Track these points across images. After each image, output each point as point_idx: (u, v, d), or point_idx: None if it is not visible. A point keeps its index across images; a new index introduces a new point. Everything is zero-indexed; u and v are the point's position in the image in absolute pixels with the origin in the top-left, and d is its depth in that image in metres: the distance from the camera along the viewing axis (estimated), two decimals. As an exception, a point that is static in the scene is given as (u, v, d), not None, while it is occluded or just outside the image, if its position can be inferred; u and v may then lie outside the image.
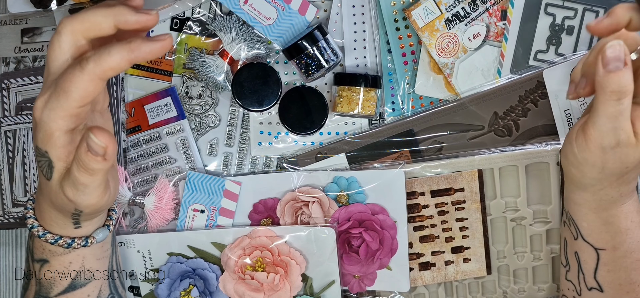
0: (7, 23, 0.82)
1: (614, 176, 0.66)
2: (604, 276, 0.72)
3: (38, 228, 0.65)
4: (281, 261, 0.79)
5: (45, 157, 0.59)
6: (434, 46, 0.80)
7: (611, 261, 0.72)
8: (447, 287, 0.84)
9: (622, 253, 0.71)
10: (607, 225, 0.71)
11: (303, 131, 0.79)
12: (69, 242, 0.66)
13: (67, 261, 0.67)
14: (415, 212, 0.82)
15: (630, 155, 0.64)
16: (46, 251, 0.67)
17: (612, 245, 0.71)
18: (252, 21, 0.79)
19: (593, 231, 0.72)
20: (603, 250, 0.72)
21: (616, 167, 0.65)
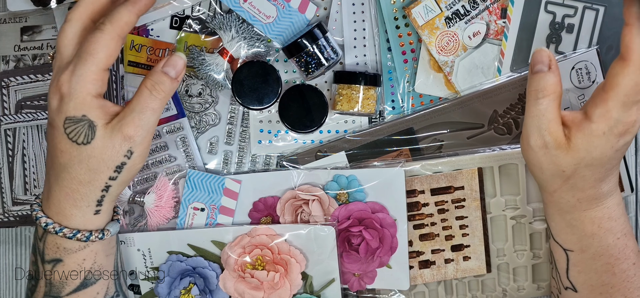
0: (6, 21, 0.82)
1: (557, 179, 0.68)
2: (576, 277, 0.73)
3: (53, 224, 0.66)
4: (281, 259, 0.79)
5: (84, 120, 0.64)
6: (434, 44, 0.80)
7: (580, 262, 0.72)
8: (447, 285, 0.84)
9: (590, 256, 0.71)
10: (571, 227, 0.72)
11: (303, 129, 0.79)
12: (87, 235, 0.67)
13: (80, 258, 0.68)
14: (415, 210, 0.82)
15: (561, 158, 0.66)
16: (61, 249, 0.68)
17: (579, 247, 0.72)
18: (251, 19, 0.79)
19: (560, 232, 0.73)
20: (571, 252, 0.73)
21: (552, 169, 0.68)
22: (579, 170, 0.67)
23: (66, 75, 0.64)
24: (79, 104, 0.63)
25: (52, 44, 0.82)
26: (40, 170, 0.83)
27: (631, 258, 0.71)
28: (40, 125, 0.82)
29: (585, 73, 0.80)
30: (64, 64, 0.65)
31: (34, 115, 0.82)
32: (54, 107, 0.64)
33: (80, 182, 0.66)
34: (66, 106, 0.64)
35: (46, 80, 0.82)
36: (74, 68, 0.63)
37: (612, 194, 0.71)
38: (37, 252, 0.69)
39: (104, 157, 0.65)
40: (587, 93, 0.80)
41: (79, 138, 0.64)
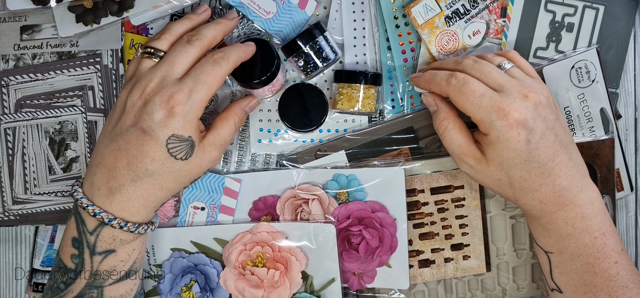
0: (6, 20, 0.82)
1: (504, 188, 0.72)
2: (559, 278, 0.74)
3: (117, 220, 0.69)
4: (281, 257, 0.79)
5: (188, 140, 0.69)
6: (433, 43, 0.80)
7: (560, 263, 0.73)
8: (447, 284, 0.84)
9: (569, 257, 0.72)
10: (547, 231, 0.73)
11: (303, 128, 0.79)
12: (146, 228, 0.72)
13: (131, 249, 0.72)
14: (415, 210, 0.83)
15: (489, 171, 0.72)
16: (117, 241, 0.70)
17: (557, 249, 0.73)
18: (251, 15, 0.79)
19: (539, 235, 0.74)
20: (551, 253, 0.74)
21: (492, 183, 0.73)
22: (511, 173, 0.70)
23: (182, 96, 0.67)
24: (188, 125, 0.68)
25: (51, 43, 0.81)
26: (40, 169, 0.83)
27: (612, 257, 0.71)
28: (40, 124, 0.82)
29: (585, 72, 0.80)
30: (173, 80, 0.68)
31: (34, 115, 0.82)
32: (158, 119, 0.67)
33: (161, 188, 0.70)
34: (176, 124, 0.68)
35: (46, 80, 0.82)
36: (191, 92, 0.68)
37: (581, 191, 0.70)
38: (84, 245, 0.70)
39: (191, 173, 0.71)
40: (587, 92, 0.80)
41: (179, 154, 0.69)
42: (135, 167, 0.68)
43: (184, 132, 0.68)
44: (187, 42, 0.71)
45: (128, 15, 0.80)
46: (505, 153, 0.69)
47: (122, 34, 0.81)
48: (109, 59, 0.82)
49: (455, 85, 0.70)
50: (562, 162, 0.70)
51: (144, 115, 0.67)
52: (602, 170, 0.81)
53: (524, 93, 0.69)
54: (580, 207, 0.70)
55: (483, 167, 0.72)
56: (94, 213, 0.68)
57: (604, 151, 0.81)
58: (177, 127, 0.68)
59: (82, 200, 0.69)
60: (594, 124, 0.81)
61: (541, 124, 0.68)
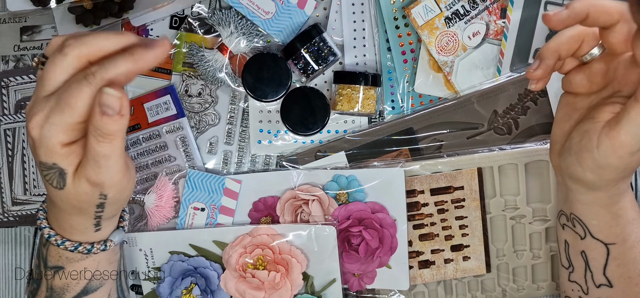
0: (6, 21, 0.82)
1: (632, 172, 0.67)
2: (614, 270, 0.72)
3: (56, 237, 0.66)
4: (282, 259, 0.79)
5: (54, 168, 0.59)
6: (433, 44, 0.80)
7: (621, 254, 0.72)
8: (447, 285, 0.84)
9: (631, 244, 0.71)
10: (617, 217, 0.70)
11: (304, 132, 0.79)
12: (88, 248, 0.67)
13: (82, 267, 0.68)
14: (415, 210, 0.83)
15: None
16: (63, 258, 0.67)
17: (622, 237, 0.71)
18: (250, 15, 0.79)
19: (604, 227, 0.71)
20: (613, 245, 0.72)
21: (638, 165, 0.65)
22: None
23: (39, 119, 0.57)
24: (48, 151, 0.58)
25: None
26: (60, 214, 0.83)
27: None
28: (40, 125, 0.82)
29: (585, 73, 0.80)
30: (43, 98, 0.58)
31: (34, 115, 0.82)
32: (30, 142, 0.60)
33: (69, 214, 0.64)
34: (38, 150, 0.59)
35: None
36: (49, 114, 0.57)
37: None
38: (41, 257, 0.69)
39: (81, 200, 0.62)
40: (586, 93, 0.80)
41: (53, 183, 0.61)
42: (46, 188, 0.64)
43: (47, 159, 0.59)
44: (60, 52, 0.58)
45: (128, 17, 0.80)
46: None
47: (122, 35, 0.81)
48: (108, 60, 0.82)
49: None
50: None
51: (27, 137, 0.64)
52: (602, 171, 0.81)
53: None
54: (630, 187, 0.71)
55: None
56: (41, 227, 0.67)
57: (604, 152, 0.81)
58: (40, 154, 0.59)
59: (40, 211, 0.68)
60: (594, 125, 0.81)
61: None
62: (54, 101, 0.57)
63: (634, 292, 0.72)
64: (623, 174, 0.66)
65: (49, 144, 0.57)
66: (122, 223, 0.72)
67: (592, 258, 0.73)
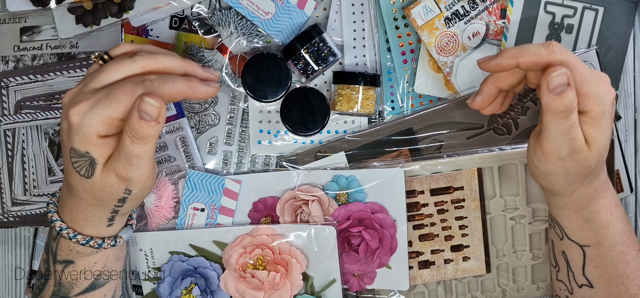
0: (6, 22, 0.82)
1: (581, 177, 0.69)
2: (592, 272, 0.74)
3: (67, 230, 0.67)
4: (282, 259, 0.79)
5: (86, 156, 0.62)
6: (433, 45, 0.80)
7: (597, 256, 0.73)
8: (447, 286, 0.84)
9: (607, 248, 0.72)
10: (588, 222, 0.72)
11: (304, 132, 0.79)
12: (99, 243, 0.68)
13: (92, 262, 0.69)
14: (415, 211, 0.83)
15: (587, 158, 0.67)
16: (73, 252, 0.68)
17: (596, 240, 0.72)
18: (250, 16, 0.79)
19: (576, 229, 0.73)
20: (588, 247, 0.73)
21: (578, 170, 0.68)
22: (602, 157, 0.68)
23: (82, 107, 0.61)
24: (84, 139, 0.62)
25: (51, 44, 0.81)
26: (40, 171, 0.83)
27: (637, 245, 0.73)
28: (40, 125, 0.82)
29: (585, 73, 0.80)
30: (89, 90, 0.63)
31: (34, 116, 0.82)
32: (64, 129, 0.63)
33: (88, 204, 0.66)
34: (73, 137, 0.62)
35: (46, 80, 0.82)
36: (95, 104, 0.61)
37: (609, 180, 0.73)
38: (50, 251, 0.70)
39: (105, 192, 0.65)
40: (586, 93, 0.80)
41: (81, 171, 0.64)
42: (66, 181, 0.66)
43: (81, 147, 0.62)
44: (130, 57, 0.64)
45: (128, 17, 0.80)
46: (606, 132, 0.66)
47: (122, 35, 0.81)
48: (108, 60, 0.82)
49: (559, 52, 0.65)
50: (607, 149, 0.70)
51: (61, 124, 0.64)
52: (602, 171, 0.81)
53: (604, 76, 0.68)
54: (612, 193, 0.72)
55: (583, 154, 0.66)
56: (52, 220, 0.68)
57: (604, 152, 0.81)
58: (74, 141, 0.62)
59: (50, 205, 0.69)
60: (594, 125, 0.81)
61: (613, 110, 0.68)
62: (103, 94, 0.61)
63: (614, 293, 0.73)
64: (570, 179, 0.68)
65: (87, 132, 0.61)
66: (130, 221, 0.74)
67: (571, 259, 0.75)
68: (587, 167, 0.68)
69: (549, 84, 0.64)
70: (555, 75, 0.64)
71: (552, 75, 0.64)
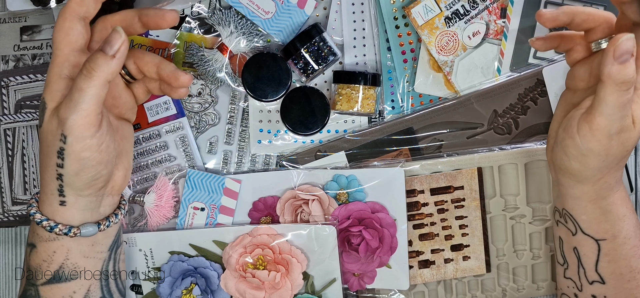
0: (6, 21, 0.82)
1: (616, 160, 0.67)
2: (605, 267, 0.73)
3: (30, 208, 0.67)
4: (282, 259, 0.79)
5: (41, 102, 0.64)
6: (433, 44, 0.80)
7: (612, 250, 0.72)
8: (447, 285, 0.84)
9: (622, 241, 0.72)
10: (606, 213, 0.71)
11: (304, 131, 0.79)
12: (51, 226, 0.65)
13: (51, 250, 0.67)
14: (415, 210, 0.83)
15: (631, 138, 0.65)
16: (35, 235, 0.68)
17: (612, 233, 0.72)
18: (250, 15, 0.79)
19: (593, 222, 0.72)
20: (603, 241, 0.72)
21: (619, 152, 0.66)
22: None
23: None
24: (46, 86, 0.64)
25: (51, 44, 0.81)
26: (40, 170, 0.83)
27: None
28: (40, 125, 0.82)
29: (585, 73, 0.80)
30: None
31: (34, 115, 0.82)
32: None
33: (40, 167, 0.65)
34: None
35: (46, 80, 0.82)
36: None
37: None
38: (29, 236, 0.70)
39: (47, 141, 0.63)
40: (586, 93, 0.80)
41: (39, 121, 0.64)
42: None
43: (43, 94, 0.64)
44: None
45: (128, 16, 0.80)
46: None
47: (122, 34, 0.81)
48: (108, 59, 0.82)
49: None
50: None
51: None
52: (602, 170, 0.81)
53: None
54: (624, 188, 0.71)
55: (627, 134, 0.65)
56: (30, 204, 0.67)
57: (604, 152, 0.81)
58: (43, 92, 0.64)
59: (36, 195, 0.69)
60: (594, 125, 0.81)
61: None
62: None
63: (626, 289, 0.73)
64: (606, 162, 0.67)
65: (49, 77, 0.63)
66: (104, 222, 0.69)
67: (584, 255, 0.74)
68: (627, 149, 0.66)
69: (616, 51, 0.60)
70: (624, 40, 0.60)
71: (621, 39, 0.60)
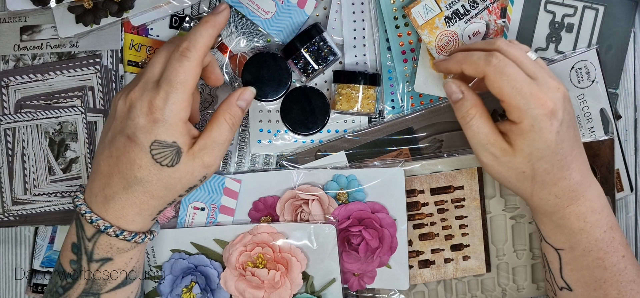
0: (6, 21, 0.82)
1: (525, 182, 0.70)
2: (569, 275, 0.74)
3: (113, 228, 0.68)
4: (282, 258, 0.79)
5: (173, 146, 0.67)
6: (433, 44, 0.80)
7: (572, 260, 0.73)
8: (447, 285, 0.84)
9: (581, 252, 0.72)
10: (559, 227, 0.73)
11: (304, 131, 0.79)
12: (142, 237, 0.71)
13: (128, 257, 0.71)
14: (415, 210, 0.83)
15: (514, 162, 0.69)
16: (114, 249, 0.70)
17: (569, 245, 0.73)
18: (250, 15, 0.79)
19: (549, 233, 0.74)
20: (562, 250, 0.74)
21: (514, 175, 0.70)
22: (537, 165, 0.69)
23: (159, 100, 0.66)
24: (170, 129, 0.66)
25: (51, 43, 0.81)
26: (40, 170, 0.83)
27: (620, 251, 0.72)
28: (40, 124, 0.82)
29: (585, 72, 0.80)
30: (152, 83, 0.67)
31: (34, 115, 0.82)
32: (141, 124, 0.66)
33: (152, 196, 0.69)
34: (157, 129, 0.66)
35: (46, 80, 0.82)
36: (167, 95, 0.66)
37: (590, 186, 0.72)
38: (82, 251, 0.70)
39: (182, 180, 0.69)
40: (586, 93, 0.80)
41: (165, 161, 0.67)
42: (126, 175, 0.68)
43: (167, 138, 0.67)
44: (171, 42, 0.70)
45: (128, 16, 0.80)
46: (536, 144, 0.68)
47: (122, 34, 0.81)
48: (108, 59, 0.82)
49: (496, 65, 0.67)
50: (577, 155, 0.70)
51: (128, 122, 0.67)
52: (602, 170, 0.81)
53: (555, 84, 0.68)
54: (590, 201, 0.71)
55: (509, 159, 0.70)
56: (91, 220, 0.68)
57: (604, 152, 0.81)
58: (159, 132, 0.66)
59: (81, 206, 0.69)
60: (594, 125, 0.81)
61: (567, 116, 0.68)
62: (166, 83, 0.66)
63: (593, 297, 0.73)
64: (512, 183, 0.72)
65: (173, 121, 0.66)
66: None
67: (550, 261, 0.76)
68: (520, 171, 0.70)
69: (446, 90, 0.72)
70: (445, 85, 0.73)
71: (444, 81, 0.73)
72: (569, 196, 0.71)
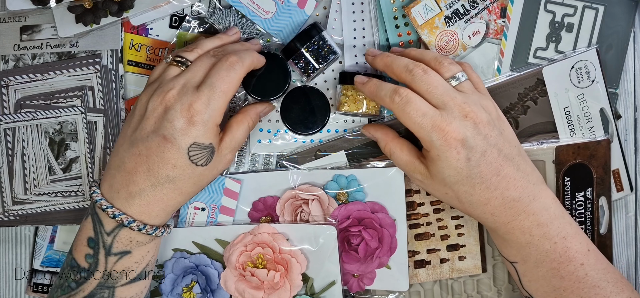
0: (6, 20, 0.82)
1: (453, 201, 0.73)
2: (529, 285, 0.75)
3: (136, 223, 0.70)
4: (282, 259, 0.79)
5: (209, 147, 0.70)
6: (433, 44, 0.79)
7: (527, 272, 0.74)
8: (443, 285, 0.85)
9: (533, 265, 0.73)
10: (506, 241, 0.74)
11: (304, 131, 0.79)
12: (162, 231, 0.73)
13: (146, 250, 0.73)
14: (411, 210, 0.83)
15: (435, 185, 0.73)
16: (133, 243, 0.71)
17: (520, 257, 0.73)
18: (251, 15, 0.79)
19: (500, 247, 0.76)
20: (515, 263, 0.74)
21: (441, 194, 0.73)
22: (456, 188, 0.71)
23: (201, 105, 0.68)
24: (208, 132, 0.69)
25: (51, 43, 0.82)
26: (40, 170, 0.83)
27: (577, 260, 0.71)
28: (40, 124, 0.82)
29: (585, 72, 0.80)
30: (192, 88, 0.69)
31: (34, 115, 0.82)
32: (179, 127, 0.68)
33: (181, 193, 0.72)
34: (196, 132, 0.68)
35: (46, 80, 0.82)
36: (209, 100, 0.68)
37: (533, 200, 0.71)
38: (100, 245, 0.71)
39: (209, 176, 0.73)
40: (586, 92, 0.80)
41: (200, 161, 0.70)
42: (156, 173, 0.69)
43: (205, 140, 0.69)
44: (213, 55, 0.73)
45: (128, 16, 0.80)
46: (446, 171, 0.70)
47: (122, 34, 0.81)
48: (108, 59, 0.82)
49: (398, 103, 0.70)
50: (509, 174, 0.70)
51: (165, 123, 0.68)
52: (598, 171, 0.81)
53: (464, 112, 0.69)
54: (535, 214, 0.71)
55: (429, 182, 0.73)
56: (113, 215, 0.69)
57: (600, 152, 0.81)
58: (198, 135, 0.69)
59: (101, 201, 0.70)
60: (594, 124, 0.81)
61: (482, 142, 0.69)
62: (209, 89, 0.69)
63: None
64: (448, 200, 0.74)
65: (211, 125, 0.69)
66: None
67: (511, 272, 0.77)
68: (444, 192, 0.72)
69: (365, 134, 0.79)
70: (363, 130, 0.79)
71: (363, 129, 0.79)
72: (506, 213, 0.71)
